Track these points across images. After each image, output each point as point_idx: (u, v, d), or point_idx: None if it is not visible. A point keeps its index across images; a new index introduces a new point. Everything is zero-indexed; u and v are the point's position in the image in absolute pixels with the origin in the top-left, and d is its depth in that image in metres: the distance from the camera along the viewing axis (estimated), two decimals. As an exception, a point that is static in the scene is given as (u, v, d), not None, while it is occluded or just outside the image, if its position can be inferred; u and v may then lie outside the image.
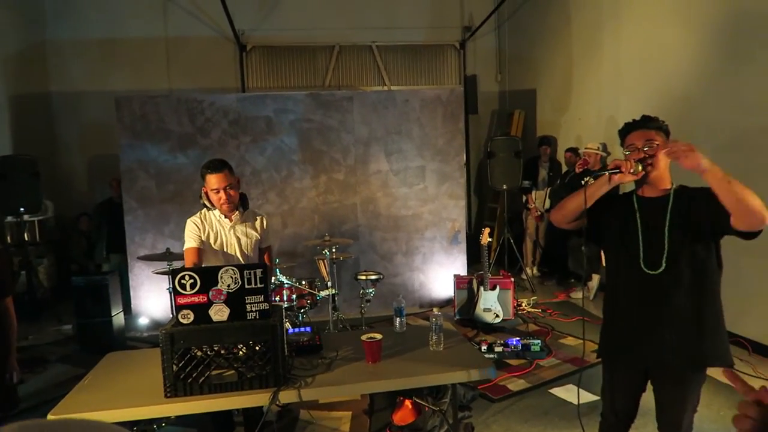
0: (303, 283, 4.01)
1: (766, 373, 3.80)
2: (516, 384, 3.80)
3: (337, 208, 5.72)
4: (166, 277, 4.29)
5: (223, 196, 2.70)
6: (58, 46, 7.64)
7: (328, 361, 2.38)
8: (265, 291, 2.13)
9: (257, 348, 2.11)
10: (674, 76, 4.95)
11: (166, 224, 5.40)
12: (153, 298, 5.39)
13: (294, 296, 3.88)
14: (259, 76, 8.21)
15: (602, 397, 2.25)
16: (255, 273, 2.12)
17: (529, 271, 6.83)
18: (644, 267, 1.98)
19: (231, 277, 2.10)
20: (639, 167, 1.92)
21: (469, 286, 5.15)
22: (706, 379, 2.01)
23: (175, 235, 5.22)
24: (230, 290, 2.10)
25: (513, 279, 5.12)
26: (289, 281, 3.92)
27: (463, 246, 5.98)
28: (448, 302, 5.62)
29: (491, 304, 4.91)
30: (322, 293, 4.12)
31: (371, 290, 4.47)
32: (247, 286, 2.11)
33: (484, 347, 4.30)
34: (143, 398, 2.07)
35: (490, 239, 4.94)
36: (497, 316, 4.90)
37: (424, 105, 5.79)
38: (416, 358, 2.41)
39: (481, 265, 4.97)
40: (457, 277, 5.27)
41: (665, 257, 1.94)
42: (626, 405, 2.15)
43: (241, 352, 2.11)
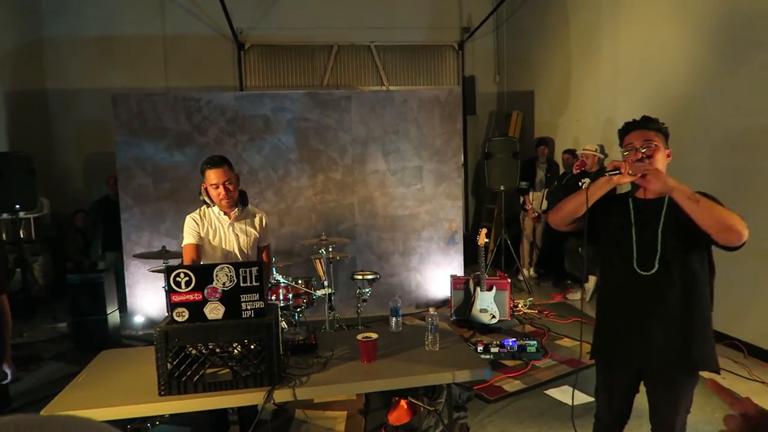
0: (299, 282, 4.00)
1: (761, 375, 3.80)
2: (512, 385, 3.81)
3: (334, 207, 5.71)
4: (162, 275, 4.26)
5: (222, 191, 2.70)
6: (55, 43, 7.60)
7: (324, 360, 2.38)
8: (260, 289, 2.12)
9: (252, 346, 2.10)
10: (672, 77, 4.96)
11: (163, 222, 5.38)
12: (149, 297, 5.37)
13: (290, 295, 3.87)
14: (256, 75, 8.19)
15: (596, 397, 2.25)
16: (250, 271, 2.11)
17: (525, 272, 6.83)
18: (637, 268, 1.98)
19: (226, 275, 2.09)
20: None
21: (466, 287, 5.15)
22: (698, 381, 2.01)
23: (171, 233, 5.21)
24: (225, 288, 2.09)
25: (510, 280, 5.13)
26: (285, 280, 3.91)
27: (460, 246, 5.98)
28: (445, 303, 5.61)
29: (488, 304, 4.91)
30: (319, 292, 4.12)
31: (368, 290, 4.47)
32: (242, 284, 2.10)
33: (480, 348, 4.29)
34: (137, 396, 2.06)
35: (487, 240, 4.94)
36: (493, 316, 4.90)
37: (422, 105, 5.79)
38: (412, 358, 2.41)
39: (477, 266, 4.97)
40: (454, 277, 5.27)
41: (658, 258, 1.95)
42: (619, 406, 2.15)
43: (236, 351, 2.10)
